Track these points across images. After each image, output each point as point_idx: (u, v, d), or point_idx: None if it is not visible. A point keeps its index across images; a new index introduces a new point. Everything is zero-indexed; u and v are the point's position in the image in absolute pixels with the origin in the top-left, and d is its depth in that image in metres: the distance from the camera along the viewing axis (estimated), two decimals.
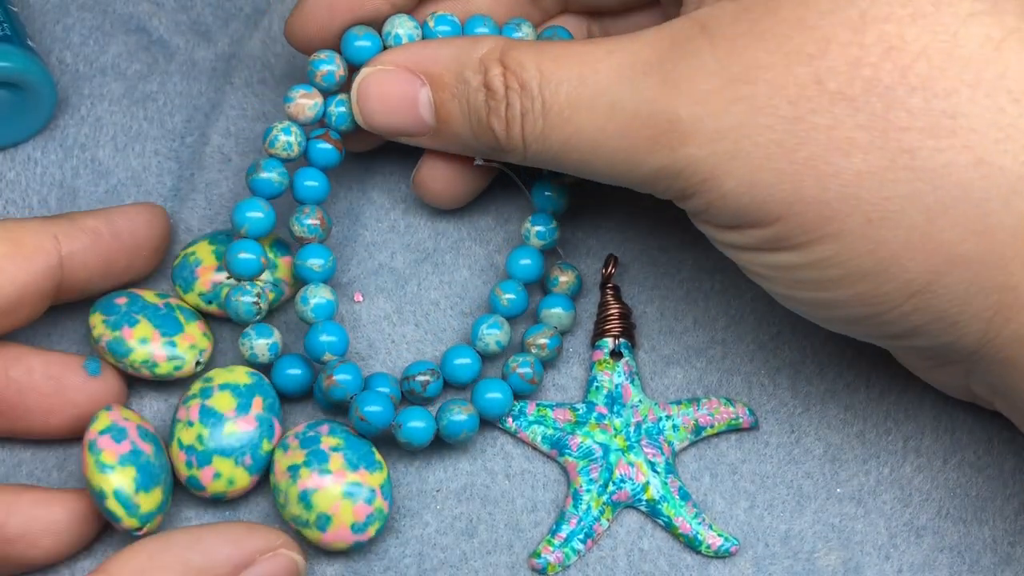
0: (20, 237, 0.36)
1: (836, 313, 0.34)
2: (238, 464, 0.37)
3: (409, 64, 0.37)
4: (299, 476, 0.36)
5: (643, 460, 0.38)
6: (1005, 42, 0.31)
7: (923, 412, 0.39)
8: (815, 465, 0.39)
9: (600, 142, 0.34)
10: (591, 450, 0.38)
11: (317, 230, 0.39)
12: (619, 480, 0.38)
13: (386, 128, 0.38)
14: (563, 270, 0.40)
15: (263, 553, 0.34)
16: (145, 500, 0.35)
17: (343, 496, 0.36)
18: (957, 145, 0.31)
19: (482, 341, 0.39)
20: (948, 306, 0.32)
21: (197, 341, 0.39)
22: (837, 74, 0.31)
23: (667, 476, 0.38)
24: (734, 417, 0.39)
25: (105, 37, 0.44)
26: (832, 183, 0.32)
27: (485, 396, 0.38)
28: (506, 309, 0.39)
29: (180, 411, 0.37)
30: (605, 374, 0.39)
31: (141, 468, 0.35)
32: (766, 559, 0.38)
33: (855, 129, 0.31)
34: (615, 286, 0.40)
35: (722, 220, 0.34)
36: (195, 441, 0.37)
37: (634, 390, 0.39)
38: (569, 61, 0.34)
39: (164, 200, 0.42)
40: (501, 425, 0.39)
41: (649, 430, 0.38)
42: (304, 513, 0.36)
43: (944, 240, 0.31)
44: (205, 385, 0.38)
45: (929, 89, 0.31)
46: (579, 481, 0.38)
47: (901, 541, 0.38)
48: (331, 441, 0.37)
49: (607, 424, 0.38)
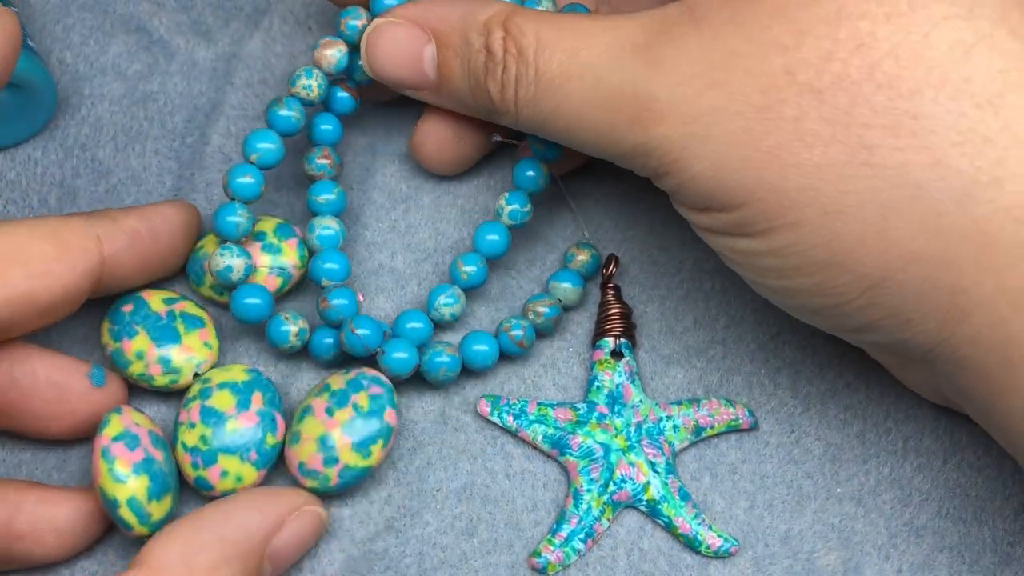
0: (67, 238, 0.36)
1: (799, 302, 0.34)
2: (244, 460, 0.37)
3: (419, 20, 0.38)
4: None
5: (644, 460, 0.38)
6: (976, 47, 0.31)
7: (923, 412, 0.39)
8: (815, 465, 0.39)
9: (584, 114, 0.35)
10: (592, 450, 0.38)
11: (326, 167, 0.40)
12: (620, 480, 0.38)
13: (390, 78, 0.39)
14: (581, 248, 0.41)
15: (290, 514, 0.35)
16: (157, 508, 0.35)
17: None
18: (916, 145, 0.31)
19: (437, 312, 0.39)
20: (902, 303, 0.32)
21: (196, 352, 0.39)
22: (808, 66, 0.32)
23: (667, 476, 0.38)
24: (734, 418, 0.39)
25: (105, 37, 0.44)
26: (793, 173, 0.32)
27: (472, 347, 0.39)
28: (465, 283, 0.39)
29: (182, 414, 0.38)
30: (606, 374, 0.39)
31: (154, 476, 0.35)
32: (766, 559, 0.38)
33: (819, 122, 0.32)
34: (616, 286, 0.40)
35: (693, 202, 0.34)
36: (199, 442, 0.37)
37: (635, 390, 0.39)
38: (565, 33, 0.35)
39: (164, 199, 0.42)
40: (501, 423, 0.39)
41: (650, 430, 0.38)
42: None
43: (898, 237, 0.32)
44: (204, 386, 0.38)
45: (894, 88, 0.31)
46: (580, 481, 0.38)
47: (901, 541, 0.38)
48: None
49: (608, 424, 0.38)
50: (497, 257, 0.40)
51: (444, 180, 0.42)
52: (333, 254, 0.39)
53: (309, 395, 0.38)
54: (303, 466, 0.37)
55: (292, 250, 0.40)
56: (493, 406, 0.39)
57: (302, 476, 0.37)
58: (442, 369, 0.38)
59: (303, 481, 0.37)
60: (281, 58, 0.44)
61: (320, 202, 0.40)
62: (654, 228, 0.42)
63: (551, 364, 0.40)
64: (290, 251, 0.40)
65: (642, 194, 0.42)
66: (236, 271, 0.38)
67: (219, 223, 0.38)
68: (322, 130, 0.40)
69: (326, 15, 0.45)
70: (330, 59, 0.39)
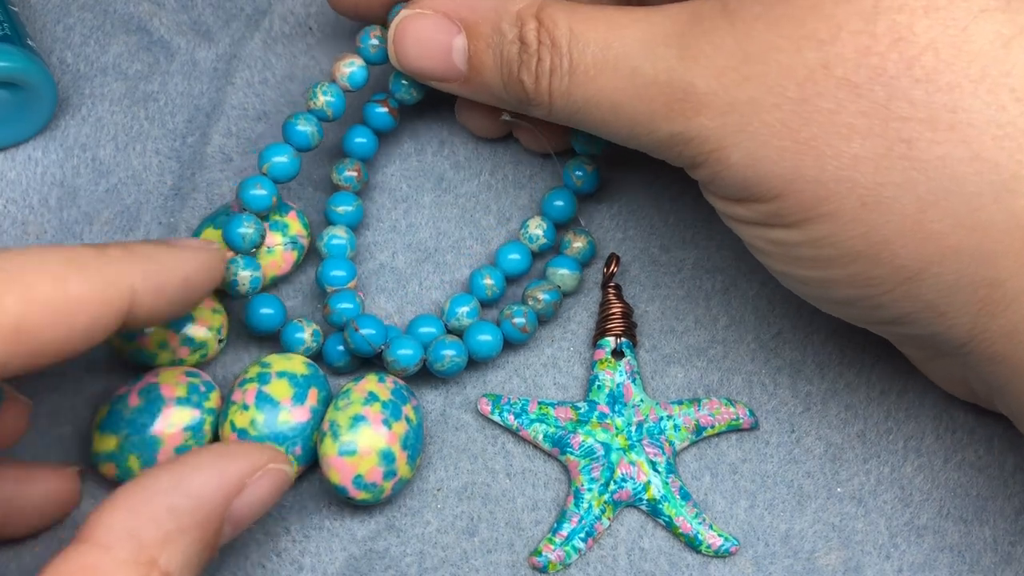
0: (108, 277, 0.32)
1: (831, 293, 0.34)
2: (288, 453, 0.37)
3: (448, 10, 0.38)
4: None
5: (644, 459, 0.38)
6: (1015, 40, 0.31)
7: (924, 412, 0.39)
8: (816, 464, 0.39)
9: (620, 103, 0.35)
10: (593, 449, 0.38)
11: (353, 180, 0.41)
12: (620, 479, 0.38)
13: (419, 71, 0.39)
14: (577, 235, 0.41)
15: (252, 474, 0.33)
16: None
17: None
18: (954, 139, 0.31)
19: (458, 320, 0.39)
20: (937, 296, 0.32)
21: (211, 320, 0.39)
22: (845, 60, 0.32)
23: (668, 476, 0.38)
24: (735, 418, 0.39)
25: (106, 37, 0.44)
26: (830, 164, 0.32)
27: (476, 338, 0.39)
28: (488, 297, 0.40)
29: (236, 392, 0.37)
30: (607, 373, 0.39)
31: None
32: (766, 558, 0.38)
33: (856, 115, 0.32)
34: (617, 285, 0.40)
35: (728, 192, 0.34)
36: (248, 425, 0.37)
37: (636, 389, 0.39)
38: (598, 24, 0.35)
39: (165, 199, 0.42)
40: (502, 422, 0.39)
41: (650, 429, 0.38)
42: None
43: (934, 230, 0.32)
44: (263, 370, 0.38)
45: (933, 82, 0.31)
46: (580, 480, 0.38)
47: (902, 541, 0.38)
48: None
49: (609, 423, 0.38)
50: (520, 275, 0.41)
51: (444, 180, 0.42)
52: (342, 262, 0.39)
53: (351, 399, 0.37)
54: (360, 478, 0.36)
55: (295, 221, 0.40)
56: (494, 405, 0.39)
57: (355, 488, 0.36)
58: (447, 358, 0.38)
59: (355, 493, 0.36)
60: (282, 58, 0.44)
61: (338, 212, 0.40)
62: (655, 227, 0.42)
63: (552, 363, 0.40)
64: (294, 223, 0.40)
65: (642, 193, 0.42)
66: (242, 283, 0.38)
67: (229, 234, 0.39)
68: (356, 143, 0.41)
69: (326, 16, 0.45)
70: (344, 70, 0.40)
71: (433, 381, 0.40)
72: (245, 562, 0.37)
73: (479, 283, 0.40)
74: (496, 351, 0.39)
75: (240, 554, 0.37)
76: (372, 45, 0.40)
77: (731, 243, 0.42)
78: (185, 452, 0.34)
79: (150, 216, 0.42)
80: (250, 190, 0.39)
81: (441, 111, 0.43)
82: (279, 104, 0.43)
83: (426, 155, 0.43)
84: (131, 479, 0.32)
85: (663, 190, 0.42)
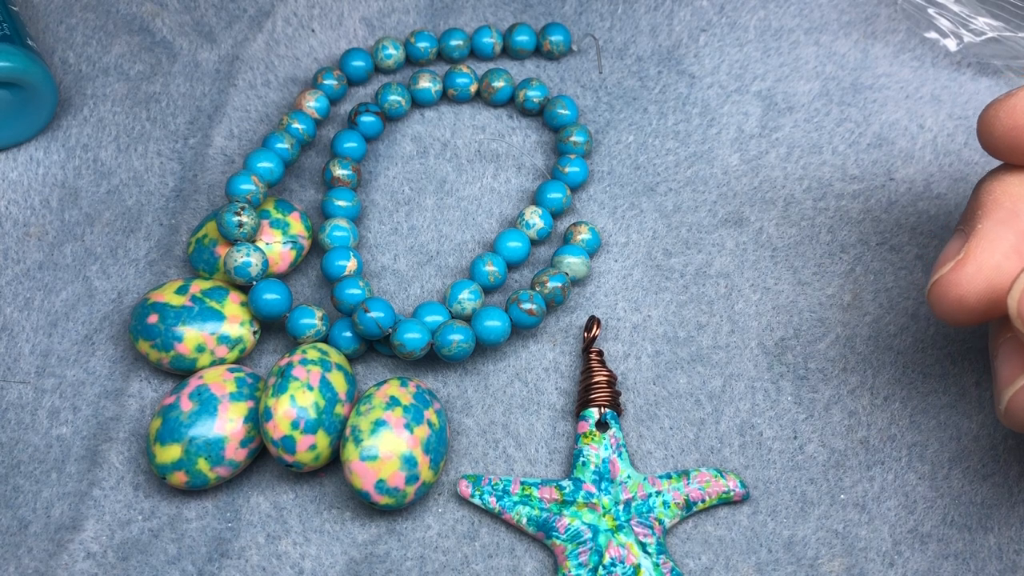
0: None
1: None
2: (332, 444, 0.37)
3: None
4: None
5: (634, 541, 0.37)
6: None
7: (927, 419, 0.39)
8: (819, 471, 0.39)
9: None
10: (580, 532, 0.37)
11: (353, 176, 0.41)
12: (610, 564, 0.36)
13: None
14: (578, 225, 0.41)
15: None
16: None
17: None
18: None
19: (460, 305, 0.39)
20: None
21: (241, 316, 0.39)
22: None
23: (659, 557, 0.37)
24: (725, 490, 0.38)
25: (108, 37, 0.44)
26: None
27: (484, 323, 0.39)
28: (489, 283, 0.40)
29: (298, 369, 0.37)
30: (592, 448, 0.38)
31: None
32: (769, 565, 0.38)
33: None
34: (599, 351, 0.39)
35: None
36: (310, 407, 0.37)
37: (622, 464, 0.38)
38: None
39: (167, 201, 0.42)
40: (483, 505, 0.37)
41: (639, 508, 0.37)
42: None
43: None
44: (324, 357, 0.38)
45: None
46: (568, 566, 0.36)
47: (905, 548, 0.38)
48: None
49: (596, 503, 0.37)
50: (520, 262, 0.41)
51: (446, 183, 0.42)
52: (346, 252, 0.40)
53: (372, 404, 0.37)
54: (383, 483, 0.36)
55: (297, 222, 0.40)
56: (475, 487, 0.37)
57: (378, 493, 0.36)
58: (454, 343, 0.38)
59: (378, 498, 0.36)
60: (284, 60, 0.44)
61: (339, 205, 0.41)
62: (657, 233, 0.42)
63: (554, 368, 0.40)
64: (295, 223, 0.40)
65: (645, 200, 0.42)
66: (255, 266, 0.39)
67: (223, 221, 0.39)
68: (346, 148, 0.42)
69: (328, 17, 0.45)
70: (309, 103, 0.42)
71: (435, 386, 0.40)
72: (246, 565, 0.37)
73: (481, 269, 0.40)
74: (504, 336, 0.39)
75: (241, 557, 0.37)
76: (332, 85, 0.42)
77: (733, 249, 0.41)
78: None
79: (151, 217, 0.42)
80: (240, 184, 0.39)
81: (442, 112, 0.43)
82: (281, 106, 0.43)
83: (428, 158, 0.43)
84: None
85: (666, 194, 0.42)
